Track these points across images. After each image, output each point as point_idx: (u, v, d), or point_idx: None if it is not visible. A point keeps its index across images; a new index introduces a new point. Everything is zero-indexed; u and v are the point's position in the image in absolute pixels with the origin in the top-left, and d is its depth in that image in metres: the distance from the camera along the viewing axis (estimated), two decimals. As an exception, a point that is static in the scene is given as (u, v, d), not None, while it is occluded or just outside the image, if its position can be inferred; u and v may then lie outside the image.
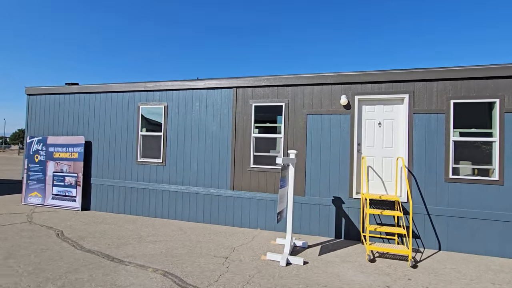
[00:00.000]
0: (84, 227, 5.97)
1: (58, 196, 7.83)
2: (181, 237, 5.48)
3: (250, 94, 6.40)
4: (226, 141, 6.53)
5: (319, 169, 5.86)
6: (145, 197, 7.13)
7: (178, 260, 4.32)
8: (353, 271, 4.11)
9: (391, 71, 5.45)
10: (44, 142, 8.12)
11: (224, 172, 6.52)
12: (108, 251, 4.60)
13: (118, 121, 7.50)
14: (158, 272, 3.85)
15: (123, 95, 7.49)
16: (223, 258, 4.44)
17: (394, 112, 5.59)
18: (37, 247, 4.67)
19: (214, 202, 6.55)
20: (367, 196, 5.20)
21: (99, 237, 5.33)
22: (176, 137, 6.95)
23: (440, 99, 5.24)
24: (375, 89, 5.59)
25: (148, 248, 4.80)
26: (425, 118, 5.29)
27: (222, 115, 6.59)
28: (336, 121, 5.79)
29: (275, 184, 6.14)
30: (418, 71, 5.32)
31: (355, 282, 3.76)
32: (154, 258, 4.36)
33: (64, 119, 8.09)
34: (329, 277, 3.88)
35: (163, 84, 7.06)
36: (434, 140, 5.24)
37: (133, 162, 7.31)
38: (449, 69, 5.18)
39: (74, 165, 7.72)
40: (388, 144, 5.60)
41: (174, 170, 6.92)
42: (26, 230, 5.60)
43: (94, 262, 4.13)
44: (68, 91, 8.02)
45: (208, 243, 5.17)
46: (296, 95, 6.08)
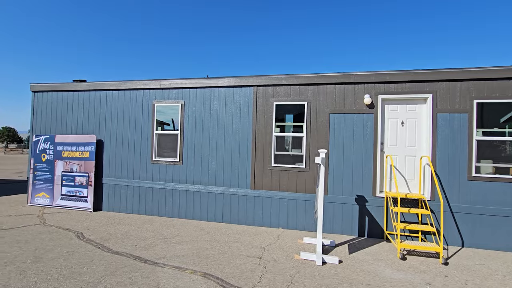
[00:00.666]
0: (103, 229, 5.81)
1: (68, 197, 7.60)
2: (206, 237, 5.42)
3: (271, 92, 6.36)
4: (246, 140, 6.48)
5: (342, 168, 5.89)
6: (161, 197, 7.01)
7: (212, 261, 4.26)
8: (389, 269, 4.16)
9: (416, 71, 5.52)
10: (51, 140, 7.86)
11: (244, 171, 6.47)
12: (138, 253, 4.50)
13: (132, 119, 7.33)
14: (198, 274, 3.79)
15: (136, 92, 7.32)
16: (257, 258, 4.42)
17: (417, 112, 5.67)
18: (62, 250, 4.52)
19: (234, 202, 6.50)
20: (392, 194, 5.26)
21: (122, 239, 5.20)
22: (193, 135, 6.84)
23: (463, 99, 5.34)
24: (398, 89, 5.65)
25: (177, 249, 4.72)
26: (449, 117, 5.39)
27: (242, 114, 6.53)
28: (360, 121, 5.83)
29: (297, 183, 6.14)
30: (442, 72, 5.40)
31: (395, 280, 3.80)
32: (188, 259, 4.28)
33: (73, 117, 7.85)
34: (369, 275, 3.91)
35: (180, 82, 6.93)
36: (457, 139, 5.34)
37: (147, 162, 7.16)
38: (473, 69, 5.28)
39: (85, 165, 7.50)
40: (411, 143, 5.68)
41: (191, 170, 6.82)
42: (43, 232, 5.41)
43: (128, 265, 4.02)
44: (77, 88, 7.77)
45: (236, 243, 5.12)
46: (318, 94, 6.08)
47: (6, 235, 5.18)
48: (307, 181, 6.08)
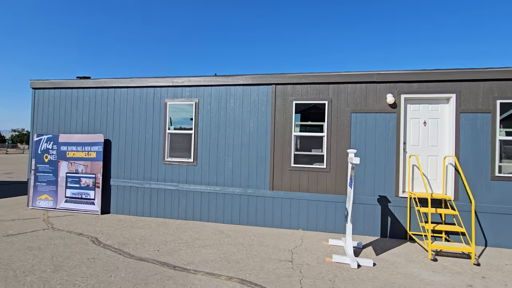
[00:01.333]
0: (117, 233, 5.54)
1: (73, 199, 7.25)
2: (228, 241, 5.23)
3: (290, 91, 6.23)
4: (265, 140, 6.32)
5: (364, 168, 5.82)
6: (173, 198, 6.76)
7: (244, 266, 4.10)
8: (425, 270, 4.10)
9: (439, 70, 5.50)
10: (55, 140, 7.47)
11: (262, 172, 6.31)
12: (163, 258, 4.28)
13: (142, 118, 7.04)
14: (234, 280, 3.62)
15: (147, 90, 7.03)
16: (289, 262, 4.28)
17: (439, 111, 5.66)
18: (82, 257, 4.25)
19: (251, 203, 6.33)
20: (419, 195, 5.23)
21: (141, 243, 4.96)
22: (208, 135, 6.63)
23: (486, 99, 5.36)
24: (421, 88, 5.62)
25: (203, 254, 4.52)
26: (472, 117, 5.39)
27: (260, 113, 6.37)
28: (382, 120, 5.77)
29: (318, 184, 6.03)
30: (466, 71, 5.40)
31: (436, 282, 3.74)
32: (218, 265, 4.10)
33: (78, 115, 7.48)
34: (407, 278, 3.84)
35: (193, 80, 6.70)
36: (481, 139, 5.35)
37: (159, 162, 6.90)
38: (496, 69, 5.30)
39: (92, 165, 7.17)
40: (433, 143, 5.66)
41: (206, 170, 6.61)
42: (55, 238, 5.10)
43: (158, 272, 3.80)
44: (82, 86, 7.42)
45: (261, 246, 4.97)
46: (339, 93, 5.99)
47: (15, 241, 4.85)
48: (328, 181, 5.98)
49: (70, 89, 7.56)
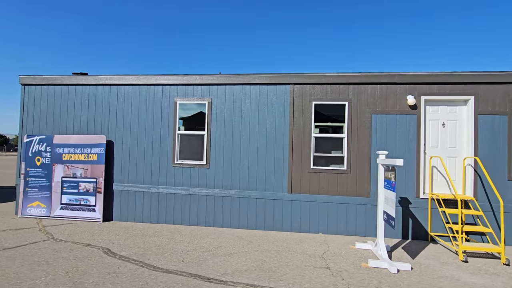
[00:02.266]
0: (129, 242, 5.09)
1: (70, 206, 6.64)
2: (252, 247, 4.96)
3: (309, 91, 6.08)
4: (282, 141, 6.12)
5: (384, 169, 5.76)
6: (184, 203, 6.38)
7: (282, 275, 3.86)
8: (463, 273, 4.07)
9: (458, 73, 5.58)
10: (48, 142, 6.83)
11: (280, 174, 6.10)
12: (192, 270, 3.94)
13: (149, 118, 6.60)
14: (280, 292, 3.37)
15: (155, 88, 6.60)
16: (326, 269, 4.09)
17: (457, 113, 5.74)
18: (101, 271, 3.81)
19: (269, 207, 6.10)
20: (441, 196, 5.24)
21: (161, 253, 4.57)
22: (222, 136, 6.32)
23: (503, 102, 5.49)
24: (440, 90, 5.67)
25: (233, 263, 4.22)
26: (490, 119, 5.51)
27: (277, 113, 6.16)
28: (402, 121, 5.76)
29: (338, 186, 5.91)
30: (484, 74, 5.51)
31: (478, 285, 3.70)
32: (255, 275, 3.83)
33: (75, 115, 6.89)
34: (451, 281, 3.77)
35: (206, 78, 6.37)
36: (498, 141, 5.48)
37: (168, 165, 6.48)
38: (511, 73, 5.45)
39: (92, 169, 6.61)
40: (452, 144, 5.73)
41: (220, 173, 6.29)
42: (61, 250, 4.58)
43: (194, 285, 3.47)
44: (81, 82, 6.84)
45: (290, 253, 4.74)
46: (359, 94, 5.91)
47: (16, 256, 4.29)
48: (348, 183, 5.88)
49: (66, 86, 6.95)
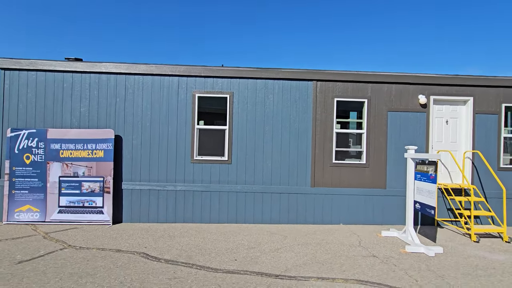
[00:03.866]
0: (161, 244, 4.77)
1: (71, 208, 5.93)
2: (290, 242, 5.04)
3: (331, 88, 6.26)
4: (305, 136, 6.24)
5: (397, 162, 6.27)
6: (204, 201, 6.15)
7: (340, 266, 4.02)
8: (483, 251, 4.70)
9: (462, 76, 6.27)
10: (41, 136, 5.96)
11: (303, 169, 6.23)
12: (252, 268, 3.88)
13: (163, 111, 6.15)
14: (352, 282, 3.52)
15: (170, 79, 6.16)
16: (374, 257, 4.36)
17: (458, 112, 6.47)
18: (159, 278, 3.54)
19: (292, 201, 6.20)
20: (449, 186, 5.90)
21: (207, 254, 4.38)
22: (245, 131, 6.20)
23: (494, 103, 6.34)
24: (446, 91, 6.32)
25: (286, 258, 4.26)
26: (484, 118, 6.33)
27: (301, 108, 6.24)
28: (414, 119, 6.30)
29: (357, 179, 6.26)
30: (481, 78, 6.28)
31: (502, 260, 4.32)
32: (317, 268, 3.93)
33: (73, 106, 6.11)
34: (480, 260, 4.33)
35: (227, 70, 6.15)
36: (490, 136, 6.33)
37: (186, 161, 6.16)
38: (502, 78, 6.31)
39: (98, 167, 5.97)
40: (453, 139, 6.46)
41: (243, 169, 6.19)
42: (91, 258, 4.11)
43: (269, 283, 3.44)
44: (80, 69, 6.07)
45: (330, 244, 4.93)
46: (377, 92, 6.29)
47: (42, 269, 3.73)
48: (366, 176, 6.27)
49: (60, 73, 6.10)
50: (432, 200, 4.45)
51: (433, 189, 4.48)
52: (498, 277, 3.76)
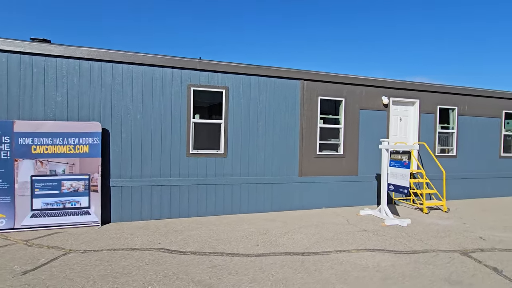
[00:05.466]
0: (173, 239, 4.73)
1: (48, 211, 5.26)
2: (294, 226, 5.57)
3: (315, 87, 6.96)
4: (294, 130, 6.82)
5: (367, 153, 7.42)
6: (201, 194, 6.19)
7: (347, 240, 4.74)
8: (435, 220, 6.08)
9: (413, 82, 7.73)
10: (5, 129, 5.07)
11: (292, 160, 6.81)
12: (276, 250, 4.28)
13: (156, 103, 5.91)
14: (363, 251, 4.26)
15: (163, 71, 5.93)
16: (366, 232, 5.24)
17: (407, 111, 7.97)
18: (200, 268, 3.65)
19: (283, 190, 6.74)
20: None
21: (227, 243, 4.57)
22: (239, 125, 6.43)
23: (432, 105, 8.03)
24: (401, 94, 7.71)
25: (300, 239, 4.77)
26: (426, 116, 7.97)
27: (290, 105, 6.78)
28: (378, 116, 7.51)
29: (336, 168, 7.16)
30: (425, 85, 7.87)
31: (447, 225, 5.71)
32: (329, 243, 4.56)
33: (47, 95, 5.35)
34: (436, 226, 5.64)
35: (223, 65, 6.25)
36: (430, 131, 8.02)
37: (181, 155, 6.07)
38: (438, 85, 8.03)
39: (82, 163, 5.41)
40: (405, 133, 7.94)
41: (238, 162, 6.42)
42: (111, 260, 3.90)
43: (302, 260, 3.90)
44: (55, 53, 5.35)
45: (327, 225, 5.64)
46: (352, 93, 7.26)
47: (67, 275, 3.40)
48: (343, 165, 7.24)
49: (29, 56, 5.25)
50: (406, 182, 5.58)
51: (407, 173, 5.61)
52: (454, 236, 5.03)
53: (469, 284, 3.32)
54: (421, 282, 3.35)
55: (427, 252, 4.25)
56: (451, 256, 4.13)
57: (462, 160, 8.39)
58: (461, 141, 8.38)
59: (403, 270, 3.64)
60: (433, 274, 3.55)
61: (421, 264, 3.82)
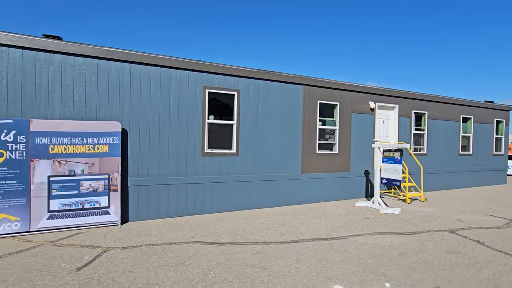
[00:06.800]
0: (204, 233, 5.02)
1: (66, 212, 5.18)
2: (305, 217, 6.15)
3: (315, 92, 7.66)
4: (297, 131, 7.43)
5: (357, 152, 8.32)
6: (214, 192, 6.48)
7: (356, 227, 5.45)
8: (417, 208, 7.12)
9: (394, 90, 8.83)
10: (20, 128, 4.91)
11: (295, 158, 7.41)
12: (303, 237, 4.82)
13: (173, 104, 6.09)
14: (374, 234, 4.99)
15: (180, 73, 6.13)
16: (368, 219, 6.02)
17: (389, 115, 9.08)
18: (246, 255, 4.03)
19: (287, 186, 7.30)
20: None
21: (256, 233, 4.99)
22: (250, 126, 6.85)
23: (409, 110, 9.25)
24: (383, 99, 8.77)
25: (318, 227, 5.36)
26: (403, 120, 9.15)
27: (293, 107, 7.38)
28: (366, 119, 8.47)
29: (332, 165, 7.93)
30: (403, 92, 9.03)
31: (429, 211, 6.77)
32: (345, 230, 5.22)
33: (63, 94, 5.27)
34: (420, 213, 6.64)
35: (235, 69, 6.62)
36: (407, 132, 9.22)
37: (196, 154, 6.31)
38: (412, 93, 9.27)
39: (102, 163, 5.41)
40: (387, 134, 9.03)
41: (248, 160, 6.84)
42: (157, 253, 4.10)
43: (330, 243, 4.48)
44: (72, 51, 5.29)
45: (336, 215, 6.32)
46: (345, 98, 8.10)
47: (125, 268, 3.55)
48: (338, 163, 8.03)
49: (45, 53, 5.13)
50: (399, 176, 6.49)
51: (399, 168, 6.53)
52: (438, 220, 6.03)
53: (464, 253, 4.19)
54: (430, 253, 4.14)
55: (424, 233, 5.13)
56: (443, 234, 5.04)
57: (431, 158, 9.76)
58: (430, 141, 9.75)
59: (413, 247, 4.41)
60: (436, 247, 4.38)
61: (424, 241, 4.64)
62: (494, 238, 4.85)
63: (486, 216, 6.35)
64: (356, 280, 3.33)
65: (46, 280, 3.26)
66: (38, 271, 3.48)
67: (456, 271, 3.58)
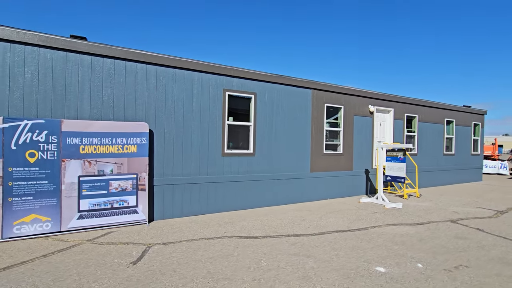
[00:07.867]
0: (234, 229, 5.29)
1: (96, 212, 5.24)
2: (320, 213, 6.59)
3: (322, 96, 8.17)
4: (306, 133, 7.88)
5: (359, 152, 8.94)
6: (234, 189, 6.75)
7: (370, 220, 5.96)
8: (415, 202, 7.82)
9: (389, 95, 9.58)
10: (52, 129, 4.93)
11: (305, 158, 7.86)
12: (326, 229, 5.24)
13: (195, 106, 6.30)
14: (389, 226, 5.53)
15: (201, 75, 6.36)
16: (376, 213, 6.57)
17: (385, 117, 9.81)
18: (286, 245, 4.37)
19: (298, 185, 7.72)
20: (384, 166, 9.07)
21: (283, 227, 5.33)
22: (265, 127, 7.19)
23: (401, 113, 10.05)
24: (381, 103, 9.48)
25: (335, 222, 5.81)
26: (397, 122, 9.93)
27: (303, 110, 7.83)
28: (366, 121, 9.12)
29: (337, 164, 8.47)
30: (398, 97, 9.81)
31: (426, 206, 7.48)
32: (361, 223, 5.71)
33: (93, 94, 5.34)
34: (420, 207, 7.32)
35: (253, 73, 6.95)
36: (400, 133, 10.01)
37: (217, 154, 6.56)
38: (406, 98, 10.08)
39: (130, 163, 5.52)
40: (383, 135, 9.76)
41: (264, 160, 7.17)
42: (200, 248, 4.33)
43: (356, 234, 4.93)
44: (100, 52, 5.37)
45: (343, 211, 6.82)
46: (348, 101, 8.69)
47: (181, 260, 3.75)
48: (342, 162, 8.59)
49: (75, 54, 5.18)
50: (403, 173, 7.13)
51: (403, 166, 7.17)
52: (437, 212, 6.72)
53: (471, 238, 4.82)
54: (442, 239, 4.72)
55: (430, 223, 5.75)
56: (447, 224, 5.69)
57: (421, 157, 10.64)
58: (420, 142, 10.63)
59: (426, 234, 4.98)
60: (445, 235, 4.98)
61: (433, 230, 5.24)
62: (490, 225, 5.57)
63: (477, 208, 7.15)
64: (392, 262, 3.79)
65: (108, 273, 3.40)
66: (94, 266, 3.60)
67: (470, 253, 4.16)
